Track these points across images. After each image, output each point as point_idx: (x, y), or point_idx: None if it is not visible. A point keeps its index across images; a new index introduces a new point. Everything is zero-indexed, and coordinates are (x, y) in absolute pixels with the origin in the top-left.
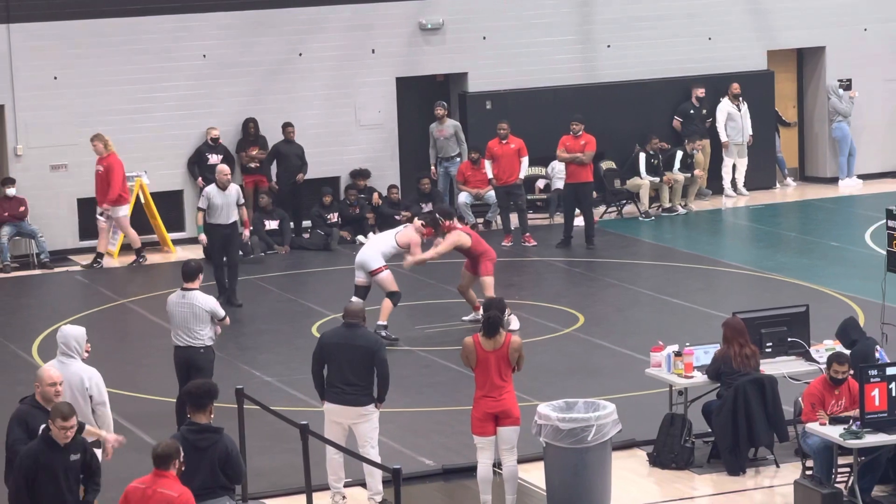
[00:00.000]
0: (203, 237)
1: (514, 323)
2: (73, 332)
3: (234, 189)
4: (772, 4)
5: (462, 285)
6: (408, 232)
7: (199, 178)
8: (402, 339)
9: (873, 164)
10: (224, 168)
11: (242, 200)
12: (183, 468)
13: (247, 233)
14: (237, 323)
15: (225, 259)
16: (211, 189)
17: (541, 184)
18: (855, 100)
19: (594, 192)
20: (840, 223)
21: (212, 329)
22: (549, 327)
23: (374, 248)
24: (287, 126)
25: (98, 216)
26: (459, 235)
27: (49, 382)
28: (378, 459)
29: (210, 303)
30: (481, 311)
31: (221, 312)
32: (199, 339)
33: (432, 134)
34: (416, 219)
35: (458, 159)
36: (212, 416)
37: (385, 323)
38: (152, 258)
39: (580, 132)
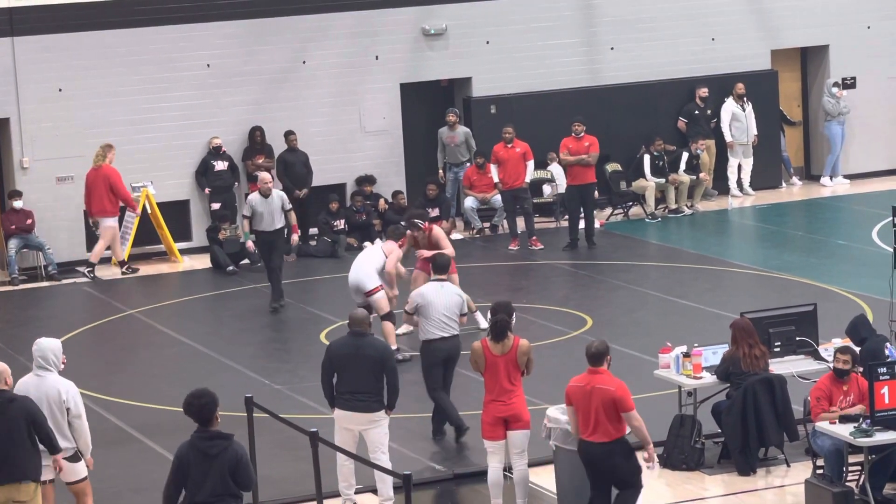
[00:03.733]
0: (251, 243)
1: (483, 322)
2: (49, 345)
3: (276, 195)
4: (774, 4)
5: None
6: (388, 245)
7: (207, 189)
8: (410, 345)
9: (878, 162)
10: (265, 176)
11: (289, 206)
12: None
13: (295, 237)
14: (246, 332)
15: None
16: (254, 197)
17: (548, 188)
18: (843, 99)
19: (597, 193)
20: (847, 221)
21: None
22: (557, 330)
23: (368, 267)
24: (289, 134)
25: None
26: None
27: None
28: (389, 465)
29: (460, 290)
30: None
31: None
32: (454, 328)
33: (442, 139)
34: (388, 239)
35: (468, 165)
36: (218, 422)
37: (396, 347)
38: (160, 268)
39: (582, 133)
